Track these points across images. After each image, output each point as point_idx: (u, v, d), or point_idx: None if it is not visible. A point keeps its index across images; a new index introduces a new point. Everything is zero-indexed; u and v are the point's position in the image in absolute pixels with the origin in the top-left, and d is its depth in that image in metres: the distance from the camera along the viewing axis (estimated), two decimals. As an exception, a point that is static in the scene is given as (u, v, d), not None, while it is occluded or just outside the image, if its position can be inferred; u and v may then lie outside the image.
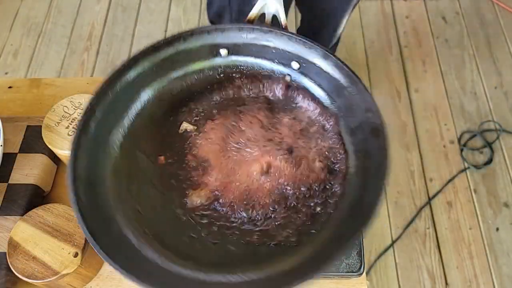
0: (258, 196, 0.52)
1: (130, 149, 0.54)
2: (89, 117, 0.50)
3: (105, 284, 0.61)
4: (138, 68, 0.54)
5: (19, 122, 0.68)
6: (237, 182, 0.53)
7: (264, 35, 0.57)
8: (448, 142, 1.54)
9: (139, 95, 0.56)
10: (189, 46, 0.57)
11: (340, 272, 0.54)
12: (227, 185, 0.53)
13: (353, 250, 0.55)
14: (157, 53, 0.56)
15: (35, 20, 1.83)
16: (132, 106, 0.56)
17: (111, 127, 0.53)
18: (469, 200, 1.44)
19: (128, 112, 0.55)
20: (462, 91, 1.65)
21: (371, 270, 1.34)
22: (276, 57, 0.58)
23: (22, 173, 0.63)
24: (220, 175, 0.54)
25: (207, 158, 0.56)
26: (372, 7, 1.86)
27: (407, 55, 1.73)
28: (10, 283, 0.57)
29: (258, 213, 0.51)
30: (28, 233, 0.56)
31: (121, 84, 0.53)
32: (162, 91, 0.58)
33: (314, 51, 0.55)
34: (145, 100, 0.57)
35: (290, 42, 0.56)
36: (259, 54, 0.59)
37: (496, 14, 1.82)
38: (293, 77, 0.59)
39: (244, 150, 0.55)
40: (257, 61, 0.59)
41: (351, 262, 0.54)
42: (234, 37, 0.58)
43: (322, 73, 0.56)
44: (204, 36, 0.57)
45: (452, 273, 1.33)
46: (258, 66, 0.60)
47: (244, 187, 0.53)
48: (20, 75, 1.69)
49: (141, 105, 0.56)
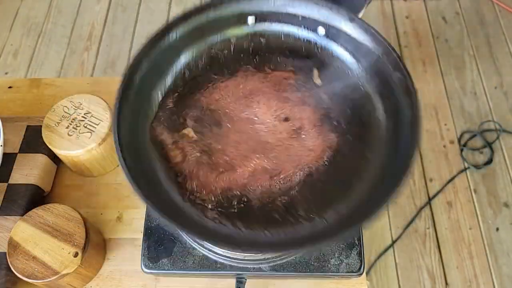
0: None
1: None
2: (134, 71, 0.51)
3: (105, 284, 0.61)
4: (173, 34, 0.55)
5: (19, 122, 0.68)
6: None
7: (291, 1, 0.58)
8: (448, 142, 1.54)
9: (178, 58, 0.58)
10: (219, 14, 0.58)
11: (340, 272, 0.54)
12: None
13: (353, 250, 0.55)
14: (189, 20, 0.56)
15: (35, 20, 1.83)
16: (170, 68, 0.57)
17: (153, 85, 0.55)
18: (469, 200, 1.44)
19: (168, 74, 0.57)
20: (462, 91, 1.65)
21: (371, 270, 1.34)
22: (303, 23, 0.59)
23: (22, 173, 0.63)
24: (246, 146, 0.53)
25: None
26: (372, 7, 1.86)
27: (407, 55, 1.73)
28: (10, 283, 0.57)
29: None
30: (28, 233, 0.56)
31: (161, 47, 0.55)
32: (198, 56, 0.59)
33: (340, 15, 0.56)
34: (183, 64, 0.58)
35: (316, 7, 0.57)
36: (286, 20, 0.60)
37: (496, 14, 1.82)
38: (319, 42, 0.60)
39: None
40: (283, 28, 0.60)
41: (351, 262, 0.54)
42: (262, 5, 0.59)
43: (348, 38, 0.57)
44: (233, 3, 0.58)
45: (452, 273, 1.33)
46: (284, 34, 0.60)
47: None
48: (20, 75, 1.69)
49: (180, 67, 0.58)
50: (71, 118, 0.65)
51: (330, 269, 0.54)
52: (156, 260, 0.55)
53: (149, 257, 0.55)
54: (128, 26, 1.82)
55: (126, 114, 0.49)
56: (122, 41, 1.77)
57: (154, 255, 0.55)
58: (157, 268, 0.54)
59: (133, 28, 1.81)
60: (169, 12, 1.86)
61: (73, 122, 0.64)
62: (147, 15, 1.84)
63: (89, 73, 1.70)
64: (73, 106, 0.66)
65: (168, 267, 0.54)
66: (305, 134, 0.54)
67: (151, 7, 1.87)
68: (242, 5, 0.59)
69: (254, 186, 0.50)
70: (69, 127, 0.64)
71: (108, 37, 1.79)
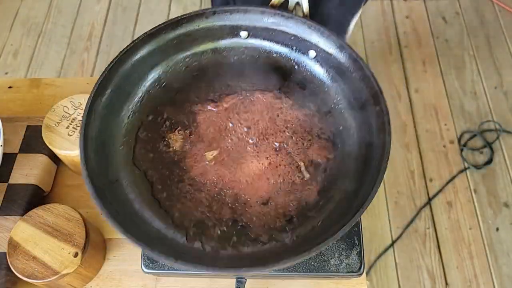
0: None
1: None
2: (107, 79, 0.52)
3: (105, 284, 0.61)
4: (153, 44, 0.56)
5: (19, 122, 0.68)
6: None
7: (285, 20, 0.57)
8: (448, 142, 1.54)
9: (151, 71, 0.58)
10: (210, 24, 0.58)
11: (340, 272, 0.54)
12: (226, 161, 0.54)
13: (353, 250, 0.55)
14: (177, 28, 0.56)
15: (35, 20, 1.83)
16: (148, 77, 0.58)
17: (126, 96, 0.56)
18: (469, 200, 1.44)
19: (147, 80, 0.58)
20: (462, 91, 1.65)
21: (371, 270, 1.34)
22: (294, 44, 0.59)
23: (22, 173, 0.63)
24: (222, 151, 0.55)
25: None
26: (372, 7, 1.86)
27: (407, 55, 1.73)
28: (10, 283, 0.57)
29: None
30: (28, 233, 0.56)
31: (138, 56, 0.55)
32: (177, 68, 0.59)
33: (331, 41, 0.56)
34: (159, 74, 0.59)
35: (309, 30, 0.57)
36: (278, 39, 0.59)
37: (496, 14, 1.82)
38: (308, 65, 0.59)
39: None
40: (275, 46, 0.60)
41: (351, 262, 0.54)
42: (255, 20, 0.58)
43: (335, 62, 0.57)
44: (225, 16, 0.57)
45: (452, 273, 1.33)
46: (275, 51, 0.60)
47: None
48: (20, 75, 1.69)
49: (157, 76, 0.58)
50: (71, 118, 0.65)
51: (330, 269, 0.54)
52: (156, 260, 0.55)
53: (149, 257, 0.55)
54: (128, 26, 1.82)
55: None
56: (122, 41, 1.77)
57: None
58: (157, 268, 0.54)
59: (133, 28, 1.81)
60: (169, 12, 1.86)
61: (73, 122, 0.64)
62: (147, 15, 1.84)
63: (89, 73, 1.70)
64: (73, 106, 0.66)
65: (168, 267, 0.54)
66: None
67: (151, 7, 1.87)
68: (234, 18, 0.58)
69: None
70: (69, 127, 0.64)
71: (108, 37, 1.79)
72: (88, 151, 0.48)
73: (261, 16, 0.58)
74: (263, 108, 0.58)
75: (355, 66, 0.54)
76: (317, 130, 0.56)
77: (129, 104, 0.56)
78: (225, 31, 0.59)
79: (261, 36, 0.60)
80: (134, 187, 0.51)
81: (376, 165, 0.47)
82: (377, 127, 0.51)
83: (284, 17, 0.57)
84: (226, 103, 0.58)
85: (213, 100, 0.58)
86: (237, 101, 0.58)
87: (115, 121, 0.54)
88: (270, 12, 0.57)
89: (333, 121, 0.56)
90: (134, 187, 0.51)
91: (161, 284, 0.61)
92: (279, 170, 0.53)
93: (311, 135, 0.55)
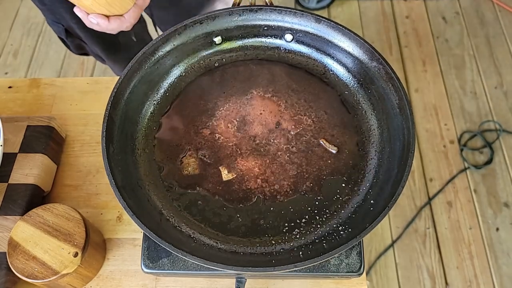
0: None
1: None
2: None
3: (105, 284, 0.61)
4: (141, 72, 0.56)
5: (19, 122, 0.68)
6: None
7: (254, 14, 0.59)
8: (448, 142, 1.54)
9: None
10: (185, 39, 0.58)
11: (340, 272, 0.54)
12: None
13: (353, 250, 0.55)
14: (156, 53, 0.57)
15: (35, 20, 1.83)
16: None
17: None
18: (469, 200, 1.44)
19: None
20: (462, 91, 1.65)
21: (371, 270, 1.34)
22: (269, 33, 0.60)
23: (22, 173, 0.63)
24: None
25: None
26: (372, 7, 1.86)
27: (407, 55, 1.73)
28: (10, 283, 0.57)
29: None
30: (28, 233, 0.56)
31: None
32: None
33: (306, 18, 0.57)
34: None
35: (280, 15, 0.58)
36: (252, 34, 0.61)
37: (496, 14, 1.82)
38: (288, 48, 0.61)
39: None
40: (250, 41, 0.61)
41: (351, 262, 0.54)
42: (225, 22, 0.59)
43: (316, 38, 0.58)
44: (196, 26, 0.58)
45: (452, 273, 1.33)
46: (251, 46, 0.61)
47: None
48: (20, 75, 1.69)
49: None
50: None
51: (330, 269, 0.54)
52: (156, 260, 0.55)
53: (149, 257, 0.55)
54: (128, 26, 1.81)
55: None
56: (122, 41, 1.77)
57: (154, 255, 0.55)
58: (157, 268, 0.54)
59: (133, 28, 1.81)
60: (169, 12, 1.85)
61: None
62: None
63: (89, 73, 1.70)
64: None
65: (168, 267, 0.54)
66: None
67: (151, 7, 1.86)
68: (205, 27, 0.59)
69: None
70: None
71: (108, 37, 1.79)
72: None
73: (230, 17, 0.59)
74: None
75: (336, 32, 0.57)
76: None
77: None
78: (199, 42, 0.60)
79: (235, 36, 0.61)
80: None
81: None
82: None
83: (252, 11, 0.58)
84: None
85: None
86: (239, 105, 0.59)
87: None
88: (237, 11, 0.58)
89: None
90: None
91: (161, 284, 0.61)
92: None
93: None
